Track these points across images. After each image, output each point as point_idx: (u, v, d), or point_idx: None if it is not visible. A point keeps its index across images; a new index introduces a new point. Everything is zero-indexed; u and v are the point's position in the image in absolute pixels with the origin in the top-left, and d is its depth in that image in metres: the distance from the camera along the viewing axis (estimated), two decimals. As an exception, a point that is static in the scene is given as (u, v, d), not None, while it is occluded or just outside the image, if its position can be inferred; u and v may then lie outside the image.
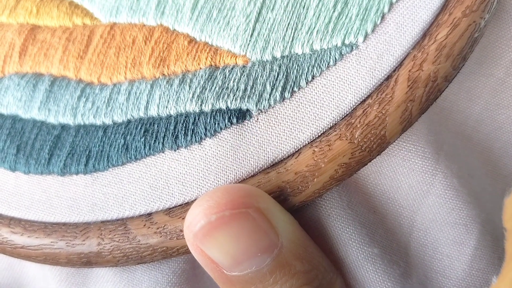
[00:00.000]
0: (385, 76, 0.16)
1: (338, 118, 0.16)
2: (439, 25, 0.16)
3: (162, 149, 0.17)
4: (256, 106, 0.17)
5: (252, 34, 0.17)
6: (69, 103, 0.19)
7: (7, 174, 0.19)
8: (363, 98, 0.16)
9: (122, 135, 0.18)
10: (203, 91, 0.17)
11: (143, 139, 0.17)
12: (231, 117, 0.17)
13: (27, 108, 0.19)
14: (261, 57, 0.17)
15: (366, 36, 0.16)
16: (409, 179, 0.17)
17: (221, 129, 0.17)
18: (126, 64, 0.18)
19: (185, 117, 0.17)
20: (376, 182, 0.17)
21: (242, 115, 0.17)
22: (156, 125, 0.17)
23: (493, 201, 0.19)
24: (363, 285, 0.17)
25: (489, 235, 0.17)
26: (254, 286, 0.15)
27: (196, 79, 0.17)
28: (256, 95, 0.17)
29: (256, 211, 0.15)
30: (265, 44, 0.17)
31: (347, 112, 0.16)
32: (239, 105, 0.17)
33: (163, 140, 0.17)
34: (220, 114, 0.17)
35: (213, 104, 0.17)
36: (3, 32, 0.21)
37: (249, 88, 0.17)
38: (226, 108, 0.17)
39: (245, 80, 0.17)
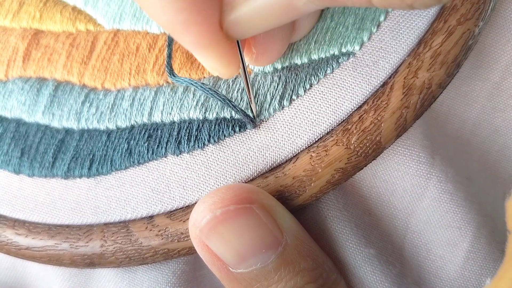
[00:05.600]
0: (381, 83, 0.16)
1: (335, 124, 0.16)
2: (434, 32, 0.16)
3: (164, 154, 0.18)
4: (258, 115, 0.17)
5: None
6: (73, 108, 0.19)
7: (11, 177, 0.19)
8: (359, 104, 0.16)
9: (125, 140, 0.18)
10: (208, 99, 0.18)
11: (146, 144, 0.18)
12: (235, 126, 0.17)
13: (31, 112, 0.19)
14: (263, 68, 0.17)
15: (362, 44, 0.17)
16: (404, 183, 0.17)
17: (224, 136, 0.17)
18: (130, 71, 0.19)
19: (189, 123, 0.18)
20: (371, 185, 0.18)
21: (244, 124, 0.17)
22: (159, 131, 0.18)
23: (495, 204, 0.19)
24: (363, 285, 0.18)
25: (484, 238, 0.18)
26: (259, 283, 0.15)
27: None
28: (258, 105, 0.17)
29: (260, 207, 0.15)
30: None
31: (344, 118, 0.16)
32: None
33: (166, 145, 0.18)
34: (224, 123, 0.17)
35: (217, 113, 0.17)
36: (7, 36, 0.21)
37: None
38: (230, 117, 0.17)
39: None
